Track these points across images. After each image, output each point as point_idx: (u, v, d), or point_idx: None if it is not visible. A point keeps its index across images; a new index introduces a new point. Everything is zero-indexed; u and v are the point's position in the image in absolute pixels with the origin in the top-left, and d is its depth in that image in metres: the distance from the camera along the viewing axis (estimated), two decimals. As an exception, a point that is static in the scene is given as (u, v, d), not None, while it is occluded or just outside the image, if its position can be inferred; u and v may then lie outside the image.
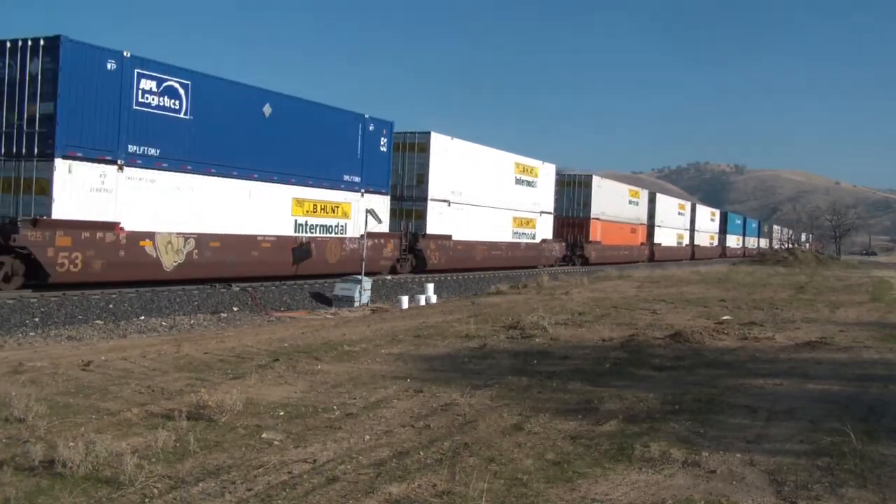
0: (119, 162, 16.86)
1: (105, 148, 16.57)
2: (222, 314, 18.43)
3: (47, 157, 15.54)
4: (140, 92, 17.23)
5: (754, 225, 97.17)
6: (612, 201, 45.63)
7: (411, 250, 27.72)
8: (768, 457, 5.69)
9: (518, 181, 34.54)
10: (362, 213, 23.76)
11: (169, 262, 18.19)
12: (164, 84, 17.82)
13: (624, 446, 5.90)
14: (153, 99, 17.54)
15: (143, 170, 17.43)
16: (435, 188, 28.16)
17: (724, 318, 15.24)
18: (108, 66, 16.57)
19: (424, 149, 27.68)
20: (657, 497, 4.86)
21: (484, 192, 31.51)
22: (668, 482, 5.15)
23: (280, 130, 21.21)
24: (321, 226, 23.07)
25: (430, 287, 23.84)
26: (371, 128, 25.01)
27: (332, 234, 23.64)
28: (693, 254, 63.46)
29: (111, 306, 16.60)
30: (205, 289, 19.26)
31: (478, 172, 31.02)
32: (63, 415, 6.55)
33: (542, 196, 37.20)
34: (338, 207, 23.79)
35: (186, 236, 18.53)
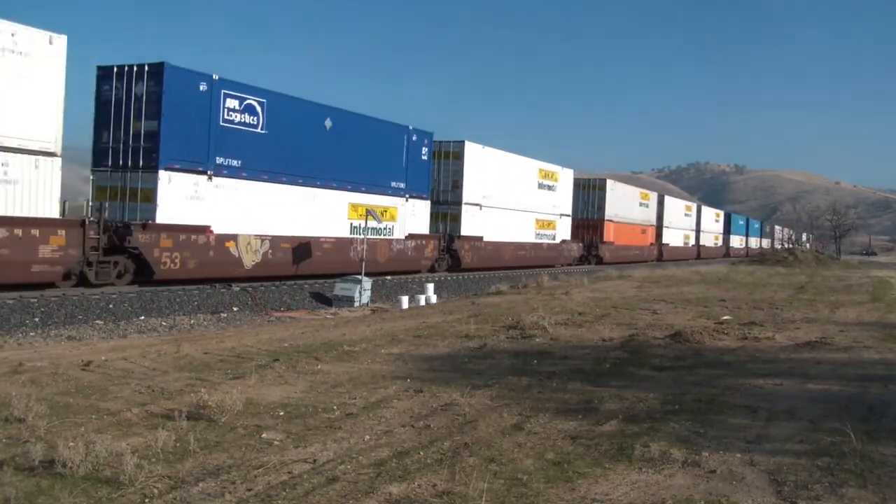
0: (209, 172, 19.14)
1: (197, 160, 18.84)
2: (222, 314, 18.43)
3: (152, 168, 17.84)
4: (225, 110, 19.56)
5: (756, 225, 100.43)
6: (624, 204, 47.63)
7: (448, 250, 29.88)
8: (768, 457, 5.69)
9: (540, 185, 36.72)
10: (407, 216, 26.78)
11: (248, 261, 20.49)
12: (245, 102, 20.17)
13: (624, 446, 5.90)
14: (236, 116, 19.91)
15: (228, 179, 19.73)
16: (468, 193, 30.29)
17: (725, 318, 15.24)
18: (201, 87, 18.93)
19: (459, 156, 29.84)
20: (657, 497, 4.86)
21: (511, 196, 33.68)
22: (668, 482, 5.15)
23: (338, 142, 23.51)
24: (372, 228, 24.82)
25: (430, 287, 23.85)
26: (414, 138, 27.24)
27: (382, 236, 25.71)
28: (699, 254, 65.15)
29: (111, 306, 16.60)
30: (205, 289, 19.26)
31: (505, 178, 33.13)
32: (63, 415, 6.55)
33: (562, 199, 39.35)
34: (386, 211, 25.73)
35: (263, 238, 20.83)
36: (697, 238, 66.08)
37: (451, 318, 14.68)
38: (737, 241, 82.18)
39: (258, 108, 20.53)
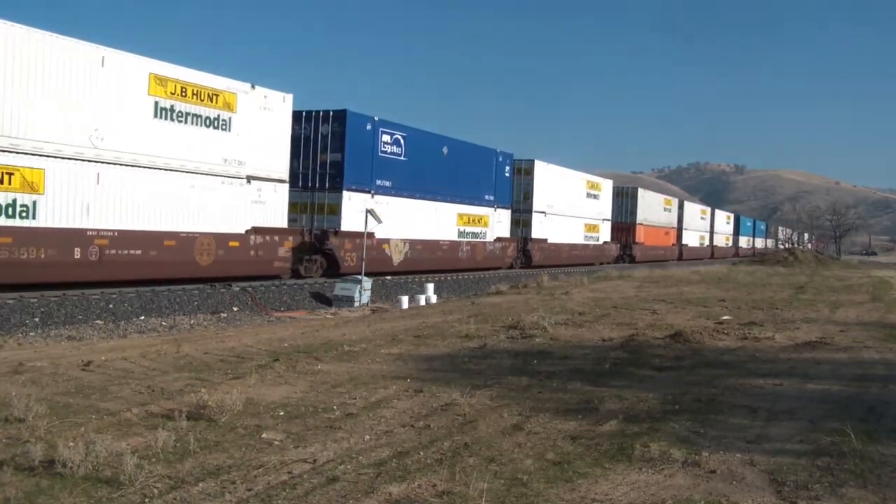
0: (371, 192, 24.95)
1: (365, 182, 24.68)
2: (222, 314, 18.44)
3: (338, 189, 23.77)
4: (382, 143, 25.41)
5: (762, 227, 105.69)
6: (652, 209, 54.09)
7: (523, 251, 35.77)
8: (768, 457, 5.69)
9: (588, 195, 43.03)
10: (495, 223, 32.57)
11: (396, 259, 26.21)
12: (394, 137, 26.06)
13: (624, 446, 5.90)
14: (388, 147, 25.75)
15: (383, 196, 25.44)
16: (537, 202, 36.55)
17: (724, 318, 15.24)
18: (367, 127, 24.71)
19: (529, 172, 36.13)
20: (657, 497, 4.86)
21: (566, 205, 39.85)
22: (668, 482, 5.15)
23: (450, 164, 29.36)
24: (472, 233, 31.19)
25: (430, 287, 23.86)
26: (500, 159, 33.11)
27: (478, 239, 31.77)
28: (712, 253, 69.99)
29: (111, 306, 16.60)
30: (205, 289, 19.27)
31: (563, 189, 39.48)
32: (63, 415, 6.55)
33: (604, 206, 45.38)
34: (481, 219, 31.83)
35: (405, 241, 26.66)
36: (711, 239, 71.29)
37: (451, 318, 14.68)
38: (744, 242, 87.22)
39: (402, 141, 26.42)
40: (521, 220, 35.71)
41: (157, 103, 17.99)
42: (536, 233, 36.51)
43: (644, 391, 7.96)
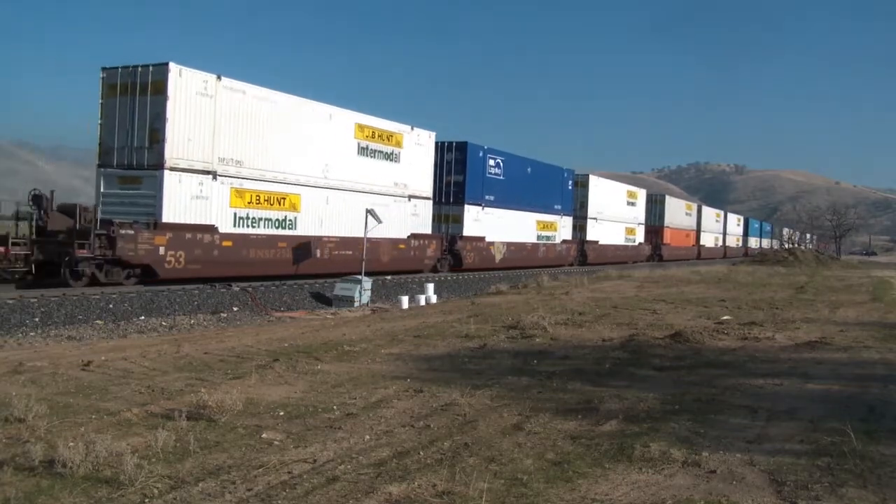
0: (482, 204, 32.54)
1: (478, 197, 32.36)
2: (222, 314, 18.43)
3: (460, 203, 31.34)
4: (488, 166, 33.00)
5: (768, 228, 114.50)
6: (676, 213, 61.62)
7: (581, 251, 42.88)
8: (768, 457, 5.68)
9: (627, 203, 50.73)
10: (563, 227, 40.25)
11: (497, 258, 33.80)
12: (496, 160, 33.61)
13: (624, 446, 5.89)
14: (492, 169, 33.25)
15: (489, 208, 33.05)
16: (590, 210, 44.24)
17: (724, 318, 15.24)
18: (479, 154, 32.41)
19: (585, 185, 43.97)
20: (657, 497, 4.86)
21: (611, 212, 47.52)
22: (668, 482, 5.14)
23: (531, 180, 36.88)
24: (546, 236, 38.70)
25: (430, 287, 23.86)
26: (565, 175, 40.83)
27: (550, 241, 39.17)
28: (725, 253, 76.14)
29: (111, 306, 16.61)
30: (205, 289, 19.27)
31: (608, 198, 47.29)
32: (63, 415, 6.55)
33: (639, 212, 53.11)
34: (551, 225, 39.23)
35: (504, 243, 34.34)
36: (724, 240, 78.61)
37: (451, 318, 14.68)
38: (753, 242, 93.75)
39: (501, 164, 33.88)
40: (578, 224, 43.01)
41: (358, 144, 25.39)
42: (590, 236, 44.27)
43: (644, 391, 7.96)
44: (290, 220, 22.62)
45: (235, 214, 20.75)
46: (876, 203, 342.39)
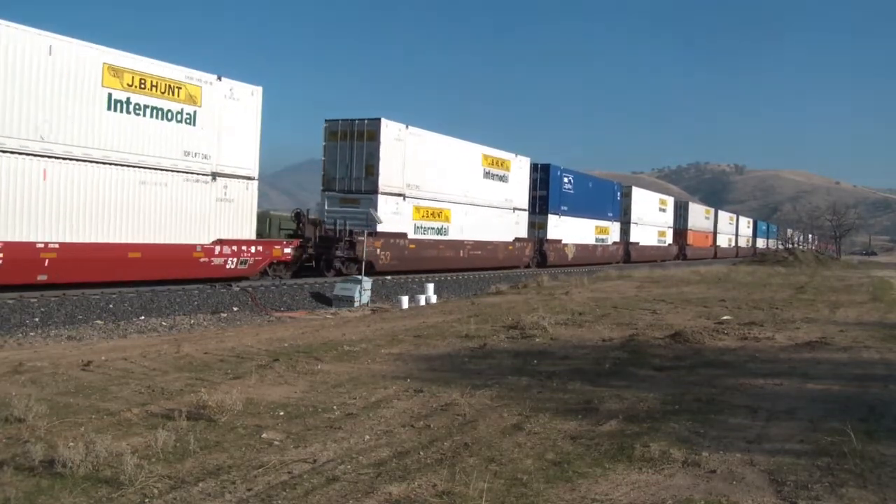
0: (559, 213, 39.63)
1: (556, 207, 39.33)
2: (222, 314, 18.43)
3: (544, 212, 38.40)
4: (563, 183, 40.18)
5: (774, 229, 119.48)
6: (697, 217, 69.31)
7: (625, 251, 50.45)
8: (768, 457, 5.69)
9: (660, 210, 59.20)
10: (613, 231, 47.78)
11: (570, 256, 40.99)
12: (568, 177, 40.97)
13: (624, 446, 5.89)
14: (565, 185, 40.46)
15: (564, 216, 40.20)
16: (633, 216, 51.96)
17: (724, 318, 15.24)
18: (557, 173, 39.57)
19: (628, 195, 51.64)
20: (657, 497, 4.86)
21: (649, 217, 55.75)
22: (668, 482, 5.14)
23: (592, 193, 44.58)
24: (601, 239, 46.04)
25: (430, 287, 23.85)
26: (615, 188, 49.39)
27: (604, 243, 46.48)
28: (737, 253, 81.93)
29: (111, 306, 16.61)
30: (205, 289, 19.27)
31: (646, 206, 55.62)
32: (63, 415, 6.55)
33: (669, 218, 61.12)
34: (605, 229, 46.61)
35: (574, 244, 41.51)
36: (736, 241, 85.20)
37: (451, 318, 14.68)
38: (761, 243, 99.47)
39: (571, 180, 41.57)
40: (623, 228, 50.23)
41: (483, 170, 32.62)
42: (633, 238, 51.88)
43: (644, 391, 7.96)
44: (444, 229, 30.05)
45: (415, 225, 28.23)
46: (876, 203, 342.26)
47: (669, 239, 60.34)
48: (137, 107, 17.76)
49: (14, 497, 4.65)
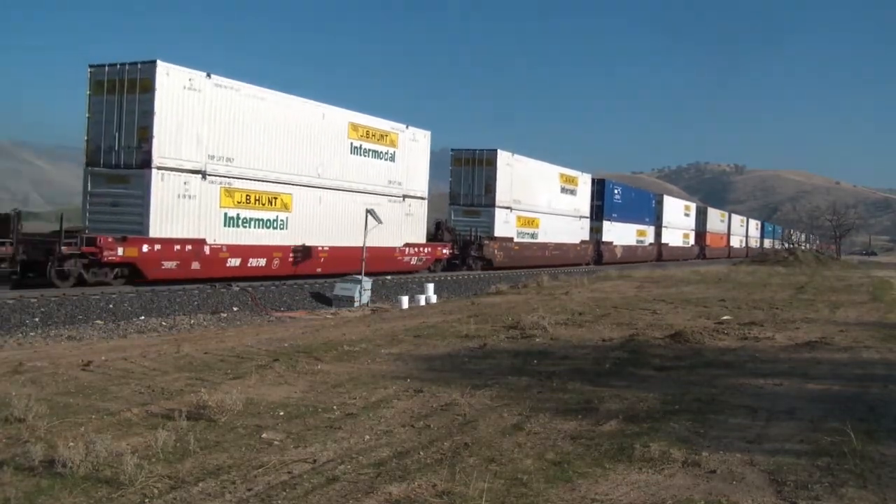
0: (611, 220, 48.08)
1: (609, 215, 47.79)
2: (222, 314, 18.43)
3: (600, 219, 46.64)
4: (613, 194, 48.78)
5: (780, 230, 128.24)
6: (714, 221, 77.31)
7: (658, 251, 57.92)
8: (768, 457, 5.68)
9: (685, 214, 67.64)
10: (650, 235, 56.24)
11: (618, 255, 48.67)
12: (617, 190, 49.82)
13: (624, 446, 5.89)
14: (615, 196, 49.05)
15: (614, 222, 48.46)
16: (664, 221, 59.66)
17: (724, 318, 15.24)
18: (610, 186, 48.58)
19: (661, 202, 60.35)
20: (657, 497, 4.86)
21: (675, 222, 63.58)
22: (668, 482, 5.14)
23: (634, 201, 53.08)
24: (639, 240, 54.26)
25: (430, 287, 23.87)
26: (651, 196, 58.91)
27: (642, 244, 54.86)
28: (747, 252, 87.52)
29: (111, 306, 16.61)
30: (205, 289, 19.26)
31: (675, 211, 64.15)
32: (63, 415, 6.55)
33: (692, 221, 69.34)
34: (643, 232, 54.98)
35: (620, 246, 49.51)
36: (746, 241, 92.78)
37: (451, 318, 14.68)
38: (767, 243, 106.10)
39: (619, 192, 50.26)
40: (656, 231, 57.92)
41: (561, 186, 40.76)
42: (664, 240, 59.60)
43: (644, 391, 7.96)
44: (535, 234, 37.62)
45: (518, 231, 35.76)
46: (876, 203, 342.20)
47: (692, 240, 68.70)
48: (365, 151, 25.54)
49: (14, 497, 4.65)
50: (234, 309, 19.05)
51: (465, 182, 33.91)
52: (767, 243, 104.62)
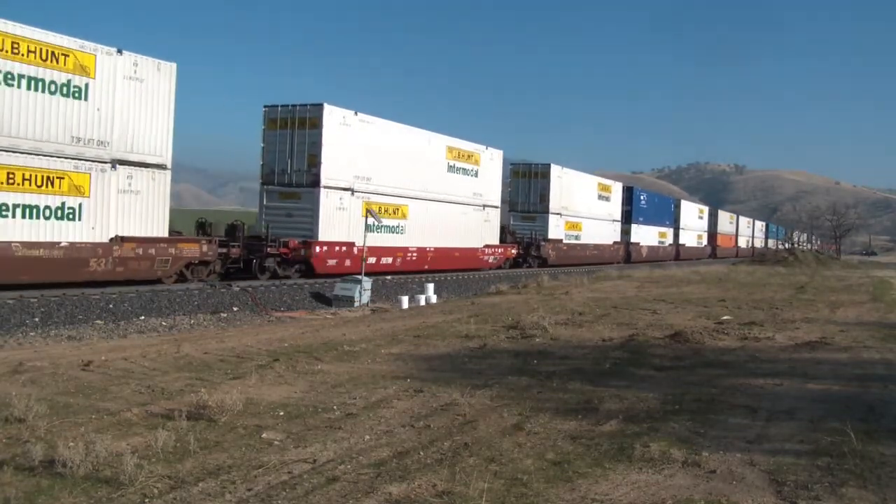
0: (638, 223, 53.26)
1: (636, 218, 52.87)
2: (222, 314, 18.43)
3: (629, 222, 51.38)
4: (640, 200, 54.58)
5: (783, 231, 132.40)
6: (724, 223, 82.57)
7: (676, 251, 62.97)
8: (768, 457, 5.69)
9: (698, 217, 72.21)
10: (670, 236, 61.61)
11: (644, 254, 54.55)
12: (643, 196, 56.42)
13: (624, 446, 5.89)
14: (641, 202, 54.87)
15: (640, 225, 53.98)
16: (681, 224, 64.41)
17: (724, 318, 15.23)
18: (637, 192, 54.76)
19: (678, 206, 65.30)
20: (657, 497, 4.86)
21: (691, 224, 68.41)
22: (668, 482, 5.14)
23: (657, 206, 58.73)
24: (661, 241, 59.17)
25: (430, 287, 23.85)
26: (671, 201, 65.17)
27: (664, 245, 59.69)
28: (753, 252, 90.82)
29: (111, 306, 16.61)
30: (205, 289, 19.27)
31: (690, 214, 68.57)
32: (63, 415, 6.55)
33: (705, 223, 74.24)
34: (664, 234, 60.01)
35: (646, 246, 55.43)
36: (752, 241, 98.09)
37: (451, 318, 14.68)
38: (771, 243, 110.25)
39: (644, 198, 55.92)
40: (674, 233, 62.84)
41: (598, 194, 45.98)
42: (681, 241, 64.34)
43: (644, 391, 7.96)
44: (578, 236, 43.27)
45: (565, 233, 41.36)
46: (876, 203, 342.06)
47: (705, 241, 73.93)
48: (457, 169, 30.77)
49: (14, 497, 4.65)
50: (234, 309, 19.06)
51: (522, 192, 39.89)
52: (771, 243, 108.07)
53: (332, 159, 23.37)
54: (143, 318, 16.80)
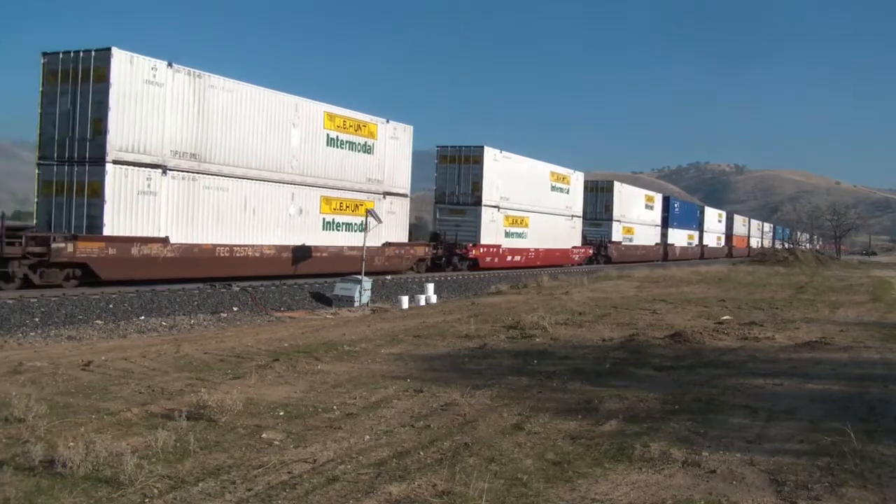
0: (673, 227, 61.54)
1: (672, 223, 60.61)
2: (222, 314, 18.43)
3: (666, 227, 59.69)
4: (674, 207, 61.95)
5: (788, 231, 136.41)
6: (738, 225, 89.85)
7: (701, 250, 68.67)
8: (768, 457, 5.68)
9: (718, 221, 79.29)
10: (696, 238, 68.61)
11: (677, 254, 61.20)
12: (676, 204, 64.60)
13: (624, 446, 5.89)
14: (675, 209, 62.39)
15: (674, 229, 61.46)
16: (705, 227, 70.59)
17: (725, 318, 15.24)
18: (671, 201, 63.22)
19: (703, 212, 72.68)
20: (657, 497, 4.85)
21: (712, 227, 74.80)
22: (668, 482, 5.14)
23: (685, 212, 67.03)
24: (689, 243, 65.75)
25: (430, 287, 23.83)
26: (697, 208, 73.68)
27: (691, 245, 65.97)
28: (755, 252, 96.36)
29: (111, 306, 16.60)
30: (205, 289, 19.27)
31: (711, 219, 74.68)
32: (63, 415, 6.55)
33: (723, 226, 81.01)
34: (692, 236, 66.63)
35: (679, 246, 63.39)
36: (761, 242, 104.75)
37: (451, 318, 14.68)
38: (777, 244, 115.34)
39: (677, 205, 64.23)
40: (699, 236, 69.25)
41: (645, 204, 54.91)
42: (704, 242, 70.67)
43: (644, 391, 7.96)
44: (631, 238, 51.15)
45: (622, 237, 49.22)
46: (876, 203, 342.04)
47: (723, 242, 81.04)
48: (557, 188, 39.23)
49: (14, 497, 4.65)
50: (234, 309, 19.05)
51: (591, 203, 47.25)
52: (778, 244, 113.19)
53: (488, 185, 32.69)
54: (143, 318, 16.80)
